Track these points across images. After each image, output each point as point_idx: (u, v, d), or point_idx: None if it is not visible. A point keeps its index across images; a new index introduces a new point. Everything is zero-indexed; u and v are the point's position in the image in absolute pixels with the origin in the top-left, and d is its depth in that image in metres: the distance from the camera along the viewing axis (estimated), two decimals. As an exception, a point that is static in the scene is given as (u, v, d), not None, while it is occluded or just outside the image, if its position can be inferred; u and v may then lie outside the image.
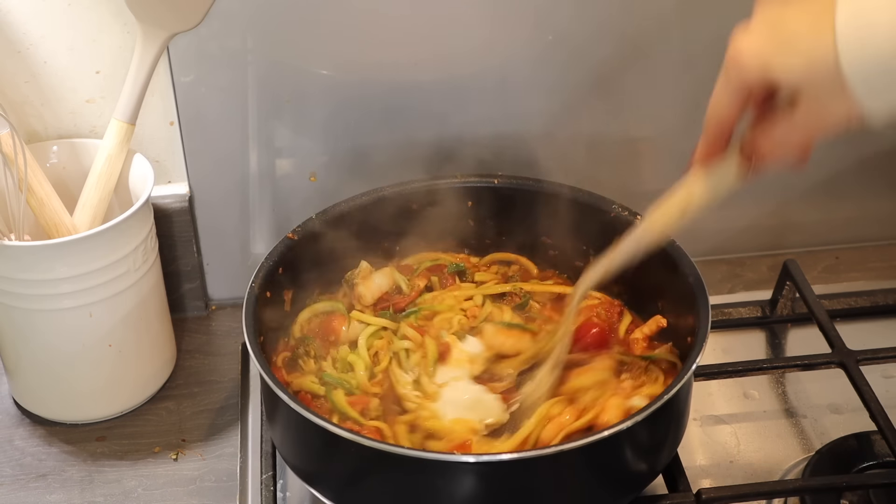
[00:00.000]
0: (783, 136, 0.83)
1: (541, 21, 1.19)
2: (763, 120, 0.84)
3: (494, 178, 1.19)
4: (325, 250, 1.13)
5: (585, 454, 0.90)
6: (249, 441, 1.14)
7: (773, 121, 0.83)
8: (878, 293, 1.30)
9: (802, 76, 0.77)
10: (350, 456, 0.91)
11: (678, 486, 1.01)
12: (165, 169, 1.25)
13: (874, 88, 0.75)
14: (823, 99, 0.77)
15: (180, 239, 1.28)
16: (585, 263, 1.17)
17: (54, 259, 1.06)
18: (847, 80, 0.74)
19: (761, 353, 1.26)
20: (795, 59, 0.77)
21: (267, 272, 1.06)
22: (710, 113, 0.86)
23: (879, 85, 0.74)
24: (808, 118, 0.80)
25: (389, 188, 1.16)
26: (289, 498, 1.07)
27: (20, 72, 1.16)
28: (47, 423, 1.18)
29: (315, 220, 1.13)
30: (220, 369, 1.25)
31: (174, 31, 1.11)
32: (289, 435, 0.99)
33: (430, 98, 1.22)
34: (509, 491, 0.91)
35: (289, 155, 1.26)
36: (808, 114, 0.80)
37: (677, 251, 1.07)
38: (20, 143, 1.07)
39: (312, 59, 1.19)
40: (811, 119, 0.80)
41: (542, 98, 1.24)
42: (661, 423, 0.96)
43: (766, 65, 0.78)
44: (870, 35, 0.73)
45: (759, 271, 1.38)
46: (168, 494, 1.09)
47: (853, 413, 1.12)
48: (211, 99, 1.20)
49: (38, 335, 1.11)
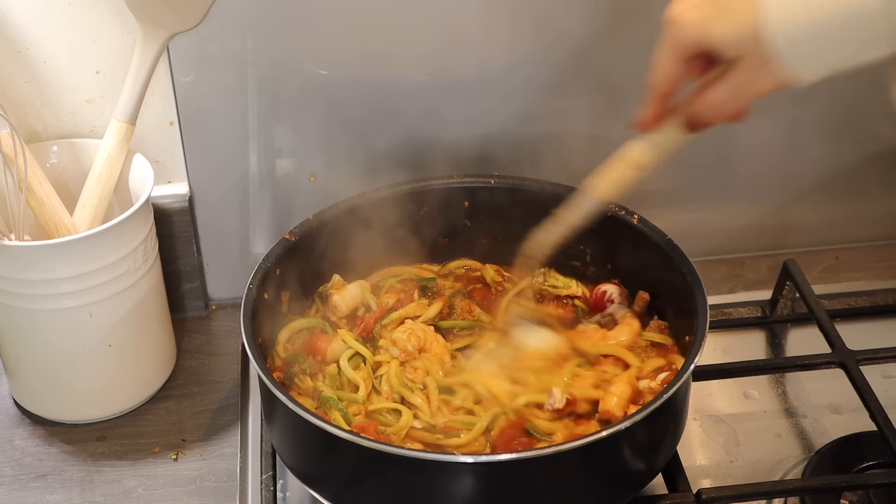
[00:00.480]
0: (719, 97, 0.85)
1: (541, 21, 1.19)
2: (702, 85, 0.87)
3: (491, 177, 1.19)
4: (323, 251, 1.13)
5: (584, 454, 0.90)
6: (249, 441, 1.14)
7: (710, 82, 0.85)
8: (878, 293, 1.30)
9: (737, 41, 0.80)
10: (349, 457, 0.91)
11: (678, 485, 1.01)
12: (165, 169, 1.25)
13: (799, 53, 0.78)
14: (757, 62, 0.80)
15: (180, 239, 1.28)
16: (582, 263, 1.18)
17: (54, 259, 1.06)
18: (774, 45, 0.77)
19: (761, 353, 1.26)
20: (730, 24, 0.80)
21: (265, 274, 1.06)
22: (651, 78, 0.89)
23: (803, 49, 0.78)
24: (742, 80, 0.83)
25: (387, 188, 1.17)
26: (289, 498, 1.07)
27: (20, 72, 1.16)
28: (47, 423, 1.18)
29: (312, 220, 1.13)
30: (220, 369, 1.25)
31: (174, 31, 1.11)
32: (288, 436, 0.99)
33: (430, 98, 1.22)
34: (508, 491, 0.91)
35: (289, 155, 1.26)
36: (743, 76, 0.82)
37: (675, 250, 1.07)
38: (20, 143, 1.07)
39: (312, 59, 1.19)
40: (745, 81, 0.82)
41: (542, 98, 1.24)
42: (660, 422, 0.96)
43: (703, 30, 0.81)
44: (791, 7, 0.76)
45: (759, 271, 1.38)
46: (168, 494, 1.09)
47: (853, 413, 1.12)
48: (211, 99, 1.20)
49: (39, 335, 1.11)
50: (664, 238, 1.08)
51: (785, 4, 0.77)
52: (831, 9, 0.75)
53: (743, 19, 0.79)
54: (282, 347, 1.09)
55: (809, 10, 0.76)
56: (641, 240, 1.10)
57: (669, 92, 0.89)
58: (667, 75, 0.87)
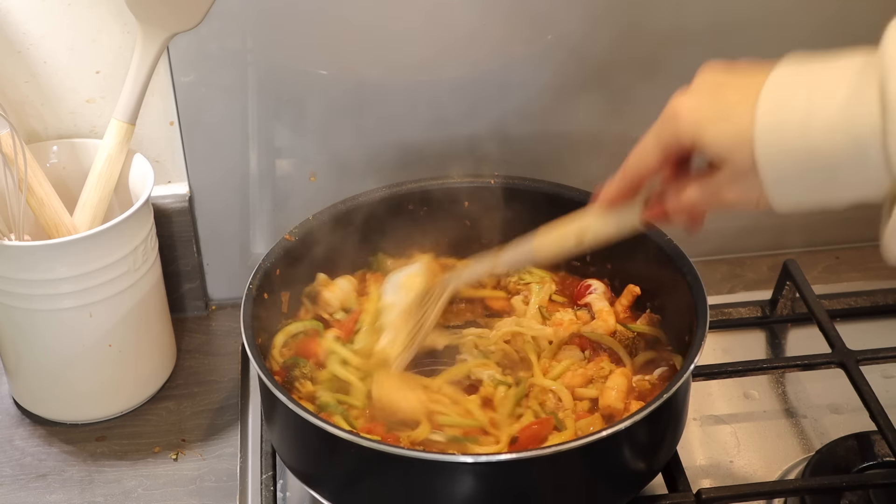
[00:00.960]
0: (691, 198, 0.85)
1: (540, 21, 1.19)
2: (674, 179, 0.87)
3: (491, 177, 1.19)
4: (323, 251, 1.13)
5: (584, 454, 0.90)
6: (249, 441, 1.14)
7: (685, 182, 0.86)
8: (878, 293, 1.30)
9: (726, 147, 0.79)
10: (349, 457, 0.91)
11: (678, 486, 1.01)
12: (165, 169, 1.25)
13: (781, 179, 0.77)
14: (739, 172, 0.79)
15: (180, 239, 1.28)
16: (582, 263, 1.18)
17: (54, 259, 1.06)
18: (759, 163, 0.77)
19: (761, 353, 1.26)
20: (725, 129, 0.79)
21: (264, 274, 1.06)
22: (632, 160, 0.88)
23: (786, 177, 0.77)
24: (720, 186, 0.82)
25: (386, 188, 1.17)
26: (289, 498, 1.07)
27: (20, 72, 1.16)
28: (47, 423, 1.18)
29: (312, 221, 1.13)
30: (220, 369, 1.25)
31: (174, 31, 1.11)
32: (288, 436, 0.99)
33: (430, 98, 1.22)
34: (508, 491, 0.91)
35: (289, 155, 1.26)
36: (722, 182, 0.82)
37: (675, 250, 1.07)
38: (20, 143, 1.07)
39: (312, 59, 1.19)
40: (723, 187, 0.82)
41: (541, 98, 1.24)
42: (660, 422, 0.96)
43: (700, 129, 0.80)
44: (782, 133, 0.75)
45: (759, 271, 1.38)
46: (168, 494, 1.09)
47: (853, 413, 1.12)
48: (211, 99, 1.20)
49: (39, 335, 1.11)
50: (664, 238, 1.08)
51: (780, 125, 0.76)
52: (825, 144, 0.74)
53: (738, 128, 0.78)
54: (278, 352, 1.08)
55: (803, 139, 0.74)
56: (641, 239, 1.10)
57: (643, 178, 0.88)
58: (647, 163, 0.86)
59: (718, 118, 0.79)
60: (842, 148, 0.73)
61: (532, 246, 1.00)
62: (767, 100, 0.76)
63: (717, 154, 0.80)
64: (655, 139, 0.85)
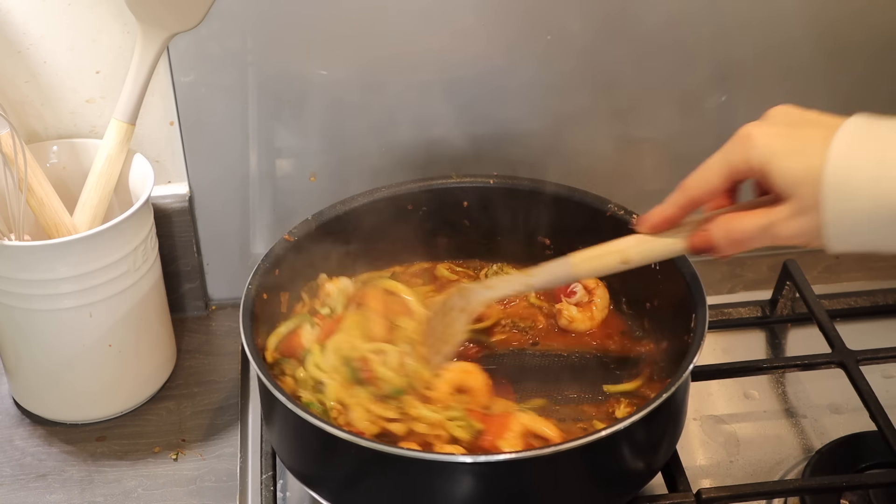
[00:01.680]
0: (748, 228, 0.85)
1: (539, 21, 1.19)
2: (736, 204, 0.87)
3: (490, 177, 1.19)
4: (322, 252, 1.13)
5: (582, 454, 0.90)
6: (249, 441, 1.14)
7: (738, 212, 0.85)
8: (878, 293, 1.30)
9: (794, 182, 0.80)
10: (348, 457, 0.91)
11: (678, 485, 1.01)
12: (165, 169, 1.25)
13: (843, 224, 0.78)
14: (802, 210, 0.80)
15: (180, 239, 1.28)
16: None
17: (54, 259, 1.06)
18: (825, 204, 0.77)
19: (761, 353, 1.26)
20: (796, 163, 0.79)
21: (263, 274, 1.06)
22: (693, 179, 0.88)
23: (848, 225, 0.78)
24: (778, 220, 0.82)
25: (385, 189, 1.16)
26: (289, 498, 1.07)
27: (20, 72, 1.16)
28: (47, 423, 1.18)
29: (311, 221, 1.13)
30: (220, 369, 1.25)
31: (174, 31, 1.11)
32: (287, 437, 0.99)
33: (430, 98, 1.22)
34: (507, 491, 0.91)
35: (289, 155, 1.26)
36: (781, 217, 0.82)
37: None
38: (20, 143, 1.07)
39: (313, 59, 1.19)
40: (781, 223, 0.82)
41: (541, 98, 1.24)
42: (659, 422, 0.96)
43: (771, 157, 0.81)
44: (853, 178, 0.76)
45: (759, 271, 1.38)
46: (168, 494, 1.09)
47: (853, 413, 1.12)
48: (211, 99, 1.20)
49: (38, 335, 1.11)
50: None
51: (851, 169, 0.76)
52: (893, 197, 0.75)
53: (810, 164, 0.78)
54: (270, 354, 1.07)
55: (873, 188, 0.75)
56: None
57: (700, 201, 0.88)
58: (711, 184, 0.86)
59: (792, 150, 0.80)
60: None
61: (570, 263, 0.99)
62: (842, 142, 0.77)
63: (783, 186, 0.80)
64: (723, 160, 0.85)
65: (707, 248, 0.89)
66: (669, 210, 0.90)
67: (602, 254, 0.97)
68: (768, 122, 0.84)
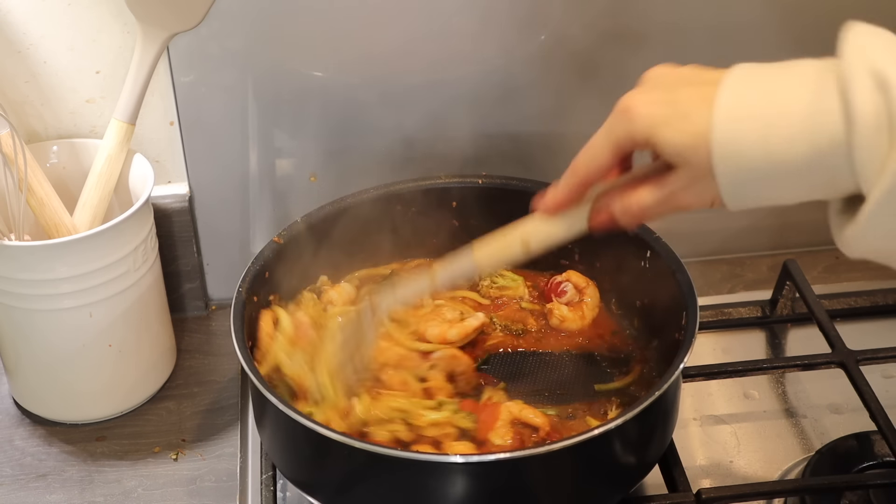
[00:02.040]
0: (646, 201, 0.82)
1: (538, 23, 1.19)
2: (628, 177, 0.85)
3: (478, 177, 1.19)
4: (311, 253, 1.13)
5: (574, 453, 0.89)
6: (249, 441, 1.14)
7: (635, 184, 0.83)
8: (878, 293, 1.30)
9: (683, 150, 0.77)
10: (341, 459, 0.91)
11: (678, 486, 1.01)
12: (165, 169, 1.25)
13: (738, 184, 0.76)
14: (696, 176, 0.78)
15: (180, 239, 1.28)
16: (571, 262, 1.18)
17: (54, 259, 1.06)
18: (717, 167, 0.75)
19: (761, 353, 1.26)
20: (681, 131, 0.76)
21: (254, 277, 1.07)
22: (581, 160, 0.85)
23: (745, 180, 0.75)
24: (675, 190, 0.80)
25: (374, 189, 1.17)
26: (289, 498, 1.07)
27: (20, 72, 1.17)
28: (47, 423, 1.18)
29: (300, 223, 1.13)
30: (220, 369, 1.25)
31: (174, 31, 1.11)
32: (278, 438, 0.99)
33: (428, 99, 1.22)
34: (501, 490, 0.91)
35: (289, 155, 1.26)
36: (677, 186, 0.80)
37: (664, 248, 1.07)
38: (20, 143, 1.07)
39: (312, 59, 1.19)
40: (678, 192, 0.80)
41: (539, 98, 1.24)
42: (650, 421, 0.96)
43: (655, 128, 0.78)
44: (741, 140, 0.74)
45: (759, 271, 1.38)
46: (168, 494, 1.09)
47: (853, 413, 1.12)
48: (211, 99, 1.20)
49: (38, 335, 1.11)
50: (652, 235, 1.09)
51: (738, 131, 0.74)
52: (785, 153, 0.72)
53: (695, 129, 0.75)
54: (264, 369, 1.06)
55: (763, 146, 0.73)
56: (631, 238, 1.10)
57: (593, 179, 0.85)
58: (598, 162, 0.83)
59: (675, 117, 0.77)
60: (803, 156, 0.72)
61: (473, 258, 0.96)
62: (725, 100, 0.75)
63: (672, 156, 0.78)
64: (607, 137, 0.82)
65: (608, 225, 0.86)
66: (563, 193, 0.87)
67: (505, 245, 0.94)
68: (647, 89, 0.80)
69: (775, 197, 0.77)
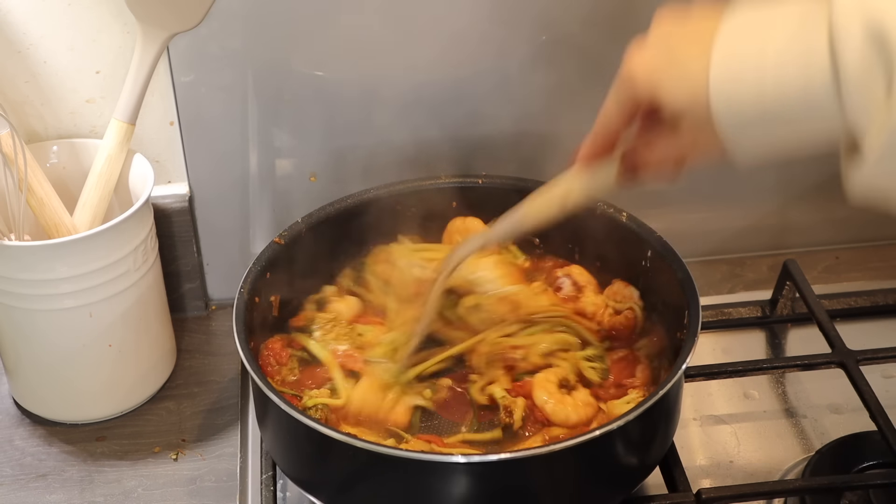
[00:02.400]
0: (662, 153, 0.85)
1: (540, 21, 1.19)
2: (647, 132, 0.87)
3: (479, 177, 1.19)
4: (312, 254, 1.13)
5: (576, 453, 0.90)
6: (249, 441, 1.14)
7: (656, 136, 0.85)
8: (878, 293, 1.30)
9: (685, 103, 0.79)
10: (343, 458, 0.91)
11: (678, 486, 1.01)
12: (165, 169, 1.25)
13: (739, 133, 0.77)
14: (700, 127, 0.79)
15: (180, 239, 1.28)
16: (570, 259, 1.18)
17: (54, 259, 1.06)
18: (715, 119, 0.76)
19: (761, 353, 1.26)
20: (680, 85, 0.78)
21: (255, 278, 1.07)
22: (599, 119, 0.88)
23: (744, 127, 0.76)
24: (685, 142, 0.83)
25: (374, 190, 1.17)
26: (289, 498, 1.07)
27: (20, 72, 1.16)
28: (47, 423, 1.18)
29: (301, 223, 1.13)
30: (220, 369, 1.25)
31: (174, 31, 1.11)
32: (280, 437, 0.99)
33: (429, 98, 1.22)
34: (502, 490, 0.91)
35: (289, 155, 1.26)
36: (686, 138, 0.82)
37: (665, 248, 1.07)
38: (20, 143, 1.07)
39: (312, 59, 1.19)
40: (688, 144, 0.83)
41: (539, 98, 1.24)
42: (653, 421, 0.96)
43: (656, 87, 0.80)
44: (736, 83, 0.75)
45: (759, 271, 1.38)
46: (168, 494, 1.09)
47: (853, 413, 1.12)
48: (211, 99, 1.20)
49: (39, 335, 1.11)
50: (653, 235, 1.09)
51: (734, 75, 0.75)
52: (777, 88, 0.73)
53: (694, 82, 0.77)
54: None
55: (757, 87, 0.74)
56: (631, 238, 1.10)
57: (614, 135, 0.88)
58: (613, 123, 0.86)
59: (673, 74, 0.79)
60: (794, 91, 0.73)
61: (519, 215, 1.00)
62: (721, 50, 0.76)
63: (674, 110, 0.80)
64: (616, 102, 0.85)
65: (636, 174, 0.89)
66: (590, 146, 0.90)
67: (546, 201, 0.97)
68: (647, 47, 0.82)
69: (777, 142, 0.77)
